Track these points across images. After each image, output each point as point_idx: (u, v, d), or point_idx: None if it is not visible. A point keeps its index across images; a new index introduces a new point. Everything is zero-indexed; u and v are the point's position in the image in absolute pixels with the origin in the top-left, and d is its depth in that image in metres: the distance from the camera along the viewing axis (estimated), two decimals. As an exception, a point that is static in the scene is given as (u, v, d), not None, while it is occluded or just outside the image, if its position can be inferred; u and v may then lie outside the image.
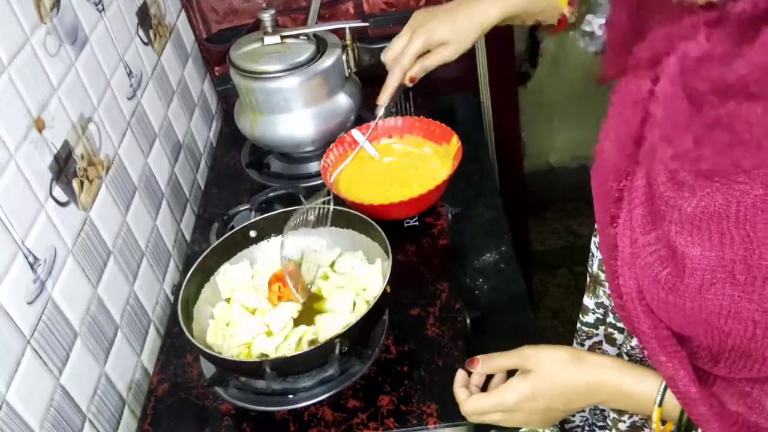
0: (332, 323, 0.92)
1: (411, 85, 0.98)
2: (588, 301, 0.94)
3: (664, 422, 0.65)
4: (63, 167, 0.89)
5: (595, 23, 0.90)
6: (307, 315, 0.97)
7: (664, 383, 0.63)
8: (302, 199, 1.15)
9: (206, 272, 1.01)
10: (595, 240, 0.90)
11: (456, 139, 1.16)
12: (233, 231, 1.04)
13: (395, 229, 0.95)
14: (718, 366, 0.57)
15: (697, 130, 0.48)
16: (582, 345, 0.98)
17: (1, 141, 0.77)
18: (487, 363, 0.74)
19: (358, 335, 0.89)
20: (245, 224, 1.05)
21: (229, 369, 0.93)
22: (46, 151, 0.85)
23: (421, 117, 1.23)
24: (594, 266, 0.91)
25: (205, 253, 1.01)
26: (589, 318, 0.95)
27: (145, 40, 1.23)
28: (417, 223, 1.15)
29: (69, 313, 0.86)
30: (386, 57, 0.99)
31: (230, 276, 1.02)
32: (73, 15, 0.98)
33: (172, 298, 1.16)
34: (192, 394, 0.96)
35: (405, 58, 0.95)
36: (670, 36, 0.50)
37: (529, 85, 2.16)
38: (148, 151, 1.18)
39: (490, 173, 1.41)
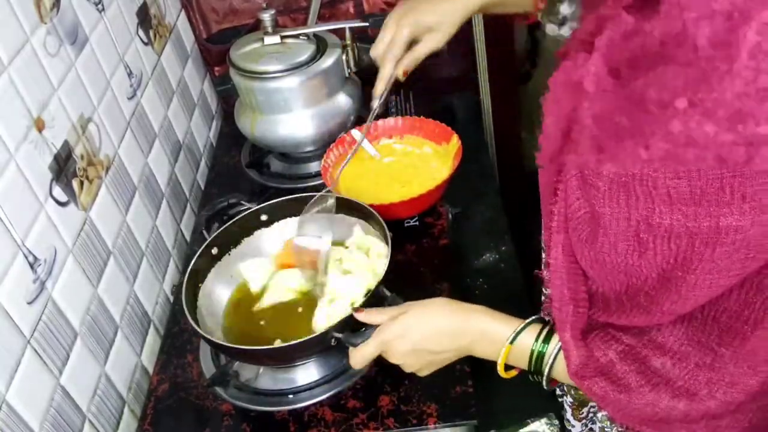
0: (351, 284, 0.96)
1: (404, 79, 0.97)
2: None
3: (510, 368, 0.72)
4: (63, 167, 0.89)
5: (564, 8, 0.92)
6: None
7: (520, 326, 0.69)
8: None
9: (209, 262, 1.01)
10: None
11: (456, 138, 1.16)
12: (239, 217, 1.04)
13: (395, 229, 0.95)
14: (613, 316, 0.62)
15: (619, 100, 0.52)
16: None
17: (1, 141, 0.77)
18: (372, 314, 0.80)
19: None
20: (254, 209, 1.05)
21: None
22: (46, 151, 0.85)
23: (421, 117, 1.23)
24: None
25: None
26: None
27: (145, 40, 1.23)
28: (417, 223, 1.15)
29: (69, 313, 0.86)
30: (376, 51, 0.98)
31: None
32: (73, 15, 0.98)
33: (172, 298, 1.16)
34: (192, 394, 0.96)
35: (396, 47, 0.95)
36: (600, 18, 0.56)
37: (529, 85, 2.16)
38: (148, 151, 1.18)
39: (490, 173, 1.41)
